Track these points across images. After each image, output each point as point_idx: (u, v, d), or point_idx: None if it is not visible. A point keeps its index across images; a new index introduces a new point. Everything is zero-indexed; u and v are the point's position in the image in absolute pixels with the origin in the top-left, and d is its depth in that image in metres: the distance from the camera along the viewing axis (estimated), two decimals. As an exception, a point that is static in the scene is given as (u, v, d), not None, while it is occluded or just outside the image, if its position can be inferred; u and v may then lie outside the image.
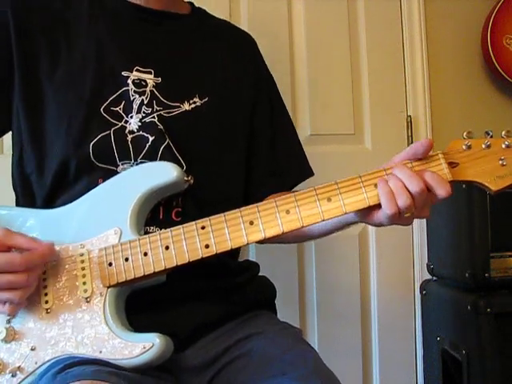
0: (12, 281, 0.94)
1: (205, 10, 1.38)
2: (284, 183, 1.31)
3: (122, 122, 1.13)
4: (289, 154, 1.36)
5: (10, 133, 1.22)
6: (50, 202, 1.12)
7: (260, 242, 1.01)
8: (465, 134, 1.00)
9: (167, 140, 1.13)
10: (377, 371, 2.04)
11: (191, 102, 1.18)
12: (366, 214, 1.01)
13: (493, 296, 1.66)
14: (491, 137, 1.00)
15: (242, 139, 1.28)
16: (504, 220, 1.67)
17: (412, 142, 2.07)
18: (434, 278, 1.98)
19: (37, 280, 0.99)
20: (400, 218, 0.96)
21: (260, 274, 1.30)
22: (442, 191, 0.95)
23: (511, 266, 1.69)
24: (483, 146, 0.99)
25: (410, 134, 2.08)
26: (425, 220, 2.02)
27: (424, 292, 1.99)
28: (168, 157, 1.11)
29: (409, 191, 0.94)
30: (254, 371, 1.04)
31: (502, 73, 2.08)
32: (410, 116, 2.09)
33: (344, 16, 2.06)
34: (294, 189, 1.32)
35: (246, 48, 1.38)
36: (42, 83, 1.14)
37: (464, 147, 1.00)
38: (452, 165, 0.99)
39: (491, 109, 2.17)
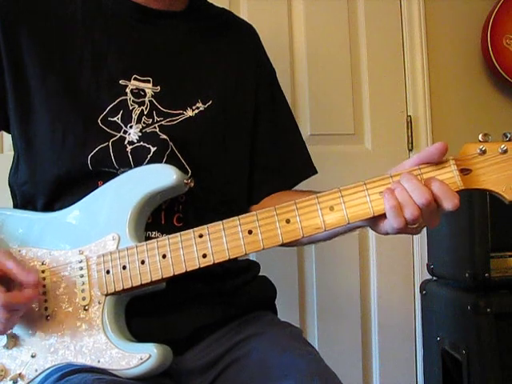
0: None
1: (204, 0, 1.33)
2: (286, 181, 1.30)
3: (121, 133, 1.10)
4: (291, 151, 1.33)
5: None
6: (48, 207, 1.11)
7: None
8: (480, 136, 0.92)
9: (171, 148, 1.11)
10: (377, 371, 2.04)
11: (194, 107, 1.16)
12: (371, 221, 0.97)
13: (493, 296, 1.66)
14: (509, 140, 0.92)
15: (245, 139, 1.26)
16: (504, 220, 1.67)
17: (412, 142, 2.08)
18: (434, 278, 1.98)
19: (18, 317, 0.97)
20: (407, 228, 0.92)
21: (260, 273, 1.29)
22: (448, 204, 0.89)
23: (511, 266, 1.68)
24: (499, 151, 0.91)
25: (409, 133, 2.08)
26: (425, 220, 2.02)
27: (424, 292, 1.98)
28: (172, 163, 1.06)
29: (415, 203, 0.89)
30: (255, 373, 1.04)
31: (502, 73, 2.08)
32: (409, 116, 2.09)
33: (344, 16, 2.06)
34: (297, 187, 1.32)
35: (247, 42, 1.35)
36: (32, 89, 1.11)
37: (478, 151, 0.91)
38: (464, 172, 0.92)
39: (491, 109, 2.17)
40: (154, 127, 1.11)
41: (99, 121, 1.10)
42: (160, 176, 1.03)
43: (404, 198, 0.90)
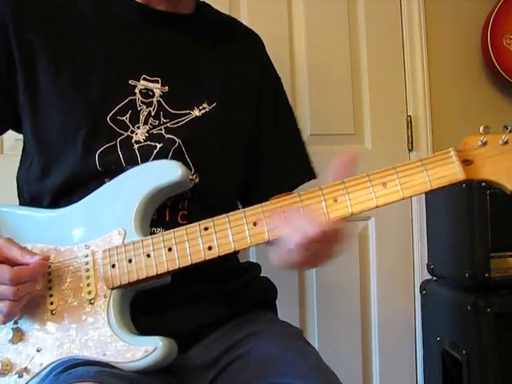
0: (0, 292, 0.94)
1: (209, 6, 1.35)
2: (285, 184, 1.30)
3: (128, 132, 1.11)
4: (292, 155, 1.35)
5: (11, 133, 1.23)
6: (55, 204, 1.11)
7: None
8: (481, 128, 0.93)
9: (176, 145, 1.12)
10: (377, 371, 2.04)
11: (200, 107, 1.17)
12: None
13: (493, 296, 1.66)
14: (510, 131, 0.93)
15: (249, 142, 1.28)
16: (504, 220, 1.67)
17: (412, 142, 2.08)
18: (434, 278, 1.98)
19: (28, 293, 0.97)
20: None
21: (260, 274, 1.30)
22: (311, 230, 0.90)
23: (511, 266, 1.68)
24: (500, 142, 0.92)
25: (409, 134, 2.08)
26: (425, 220, 2.02)
27: (424, 292, 1.99)
28: (177, 159, 1.07)
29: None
30: (256, 371, 1.04)
31: (502, 73, 2.08)
32: (409, 116, 2.09)
33: (344, 16, 2.06)
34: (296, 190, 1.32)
35: (252, 49, 1.36)
36: (43, 87, 1.12)
37: (479, 143, 0.93)
38: (466, 162, 0.93)
39: (491, 109, 2.17)
40: (160, 129, 1.13)
41: (108, 119, 1.11)
42: (166, 172, 1.04)
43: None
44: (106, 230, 1.03)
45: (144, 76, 1.15)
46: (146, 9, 1.20)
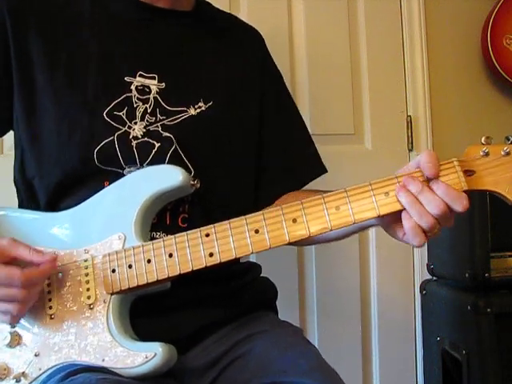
0: (10, 294, 0.94)
1: (210, 4, 1.35)
2: (296, 181, 1.30)
3: (126, 128, 1.11)
4: (300, 152, 1.34)
5: (11, 133, 1.22)
6: (53, 205, 1.11)
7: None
8: (483, 139, 0.94)
9: (174, 145, 1.11)
10: (377, 371, 2.04)
11: (196, 106, 1.16)
12: (383, 223, 0.98)
13: (493, 296, 1.66)
14: (511, 143, 0.93)
15: (250, 142, 1.27)
16: (504, 220, 1.67)
17: (412, 142, 2.08)
18: (434, 278, 1.98)
19: (37, 294, 0.98)
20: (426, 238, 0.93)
21: (260, 274, 1.30)
22: (458, 207, 0.89)
23: (511, 266, 1.68)
24: (502, 153, 0.92)
25: (409, 134, 2.08)
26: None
27: (424, 292, 1.98)
28: (176, 162, 1.08)
29: (431, 215, 0.90)
30: (256, 370, 1.04)
31: (502, 73, 2.08)
32: (409, 116, 2.09)
33: (344, 16, 2.06)
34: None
35: (252, 46, 1.36)
36: (39, 85, 1.12)
37: (481, 154, 0.93)
38: (468, 173, 0.93)
39: (491, 109, 2.17)
40: (157, 126, 1.12)
41: (104, 114, 1.10)
42: (166, 176, 1.03)
43: (420, 212, 0.91)
44: (105, 234, 1.02)
45: (140, 73, 1.14)
46: (144, 6, 1.20)
